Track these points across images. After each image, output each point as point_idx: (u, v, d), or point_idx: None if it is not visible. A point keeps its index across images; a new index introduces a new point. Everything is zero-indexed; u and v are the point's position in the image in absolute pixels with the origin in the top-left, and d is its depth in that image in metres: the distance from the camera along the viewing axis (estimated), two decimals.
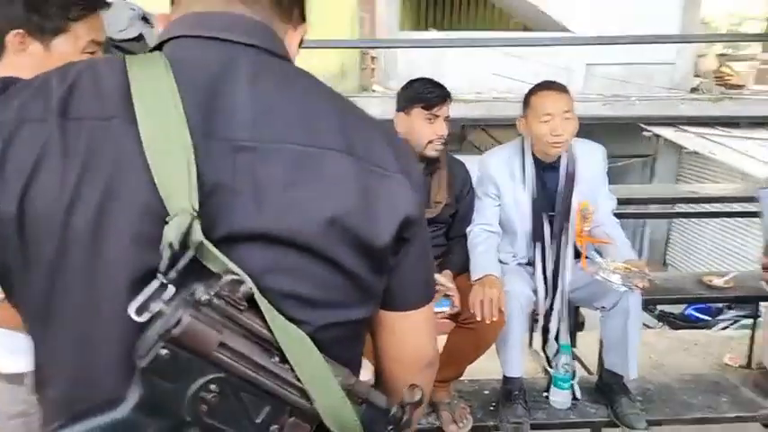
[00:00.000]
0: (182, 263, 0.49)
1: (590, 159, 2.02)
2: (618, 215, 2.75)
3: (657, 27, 7.75)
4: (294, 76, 0.63)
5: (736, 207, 3.06)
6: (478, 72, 7.81)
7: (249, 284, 0.51)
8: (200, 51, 0.59)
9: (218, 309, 0.50)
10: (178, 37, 0.60)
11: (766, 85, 8.57)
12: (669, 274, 2.50)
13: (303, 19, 0.71)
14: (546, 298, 2.02)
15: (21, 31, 1.01)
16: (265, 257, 0.56)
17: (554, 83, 1.95)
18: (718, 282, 2.24)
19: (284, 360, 0.53)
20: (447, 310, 1.84)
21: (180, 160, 0.51)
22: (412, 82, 1.97)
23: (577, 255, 2.00)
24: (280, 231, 0.55)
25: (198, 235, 0.49)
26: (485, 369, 2.17)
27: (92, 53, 1.10)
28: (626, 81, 7.89)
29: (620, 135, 8.78)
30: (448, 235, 2.10)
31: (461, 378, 2.12)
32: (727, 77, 8.76)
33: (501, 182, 2.01)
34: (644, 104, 7.42)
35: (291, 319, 0.55)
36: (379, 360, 0.74)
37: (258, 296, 0.52)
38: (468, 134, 8.69)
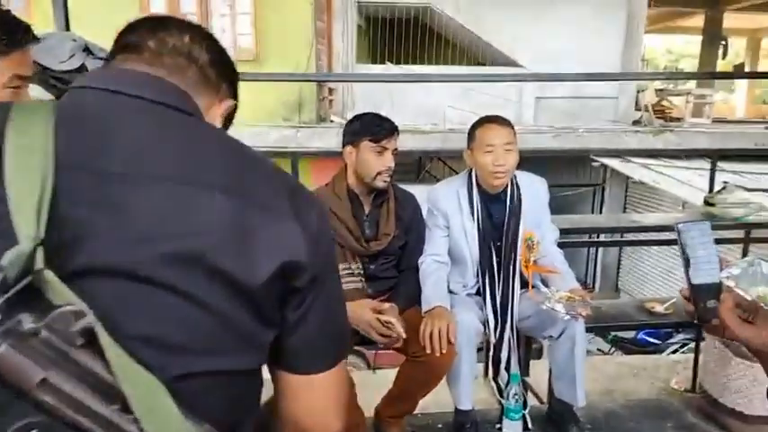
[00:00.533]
0: (13, 290, 0.44)
1: (533, 191, 2.08)
2: (569, 243, 2.84)
3: (601, 62, 8.22)
4: (194, 125, 0.64)
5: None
6: (434, 104, 8.00)
7: (90, 318, 0.46)
8: (100, 100, 0.60)
9: (47, 342, 0.44)
10: (85, 87, 0.62)
11: (701, 118, 9.15)
12: (614, 301, 2.58)
13: (233, 96, 0.73)
14: (496, 328, 2.04)
15: None
16: (118, 292, 0.52)
17: (497, 117, 2.01)
18: (659, 308, 2.32)
19: (127, 409, 0.47)
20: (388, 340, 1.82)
21: (34, 190, 0.50)
22: (360, 116, 2.00)
23: (524, 284, 2.04)
24: (133, 265, 0.52)
25: (38, 263, 0.46)
26: (439, 402, 2.15)
27: (16, 87, 1.07)
28: (573, 114, 8.25)
29: (571, 165, 9.16)
30: (398, 267, 2.10)
31: (415, 412, 2.10)
32: (666, 111, 9.29)
33: (449, 213, 2.05)
34: (591, 136, 7.75)
35: (145, 364, 0.49)
36: (281, 428, 0.69)
37: (100, 332, 0.47)
38: (426, 164, 8.84)
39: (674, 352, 5.33)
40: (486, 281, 2.04)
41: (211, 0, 8.10)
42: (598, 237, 5.37)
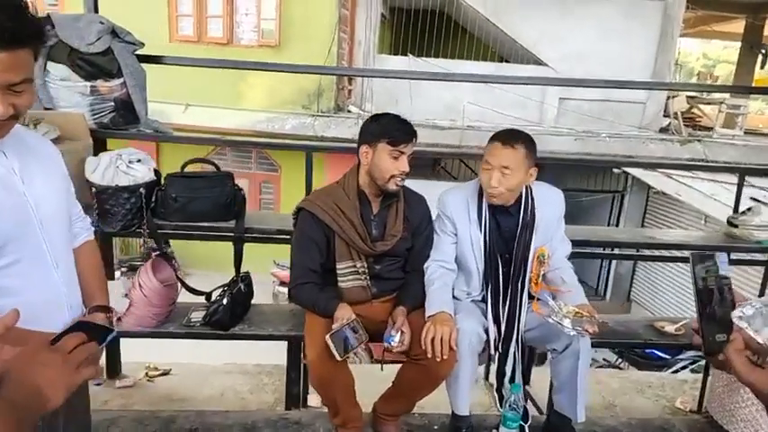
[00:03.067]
0: None
1: (549, 204, 2.03)
2: (582, 255, 2.78)
3: (631, 65, 8.02)
4: None
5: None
6: (453, 99, 7.90)
7: None
8: None
9: None
10: None
11: (733, 128, 8.88)
12: (623, 318, 2.51)
13: None
14: (499, 340, 2.00)
15: None
16: None
17: (509, 135, 1.91)
18: (669, 328, 2.26)
19: None
20: (394, 344, 1.80)
21: None
22: (379, 116, 1.95)
23: (530, 296, 2.00)
24: None
25: None
26: (436, 403, 2.13)
27: None
28: (597, 117, 8.08)
29: (591, 169, 9.01)
30: (405, 268, 2.07)
31: (412, 412, 2.09)
32: (697, 119, 9.05)
33: (458, 220, 2.01)
34: (614, 142, 7.60)
35: None
36: None
37: None
38: (441, 161, 8.77)
39: (683, 368, 5.24)
40: (491, 292, 2.00)
41: None
42: (612, 250, 5.26)
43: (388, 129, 1.88)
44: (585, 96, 8.12)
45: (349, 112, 8.01)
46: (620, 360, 5.79)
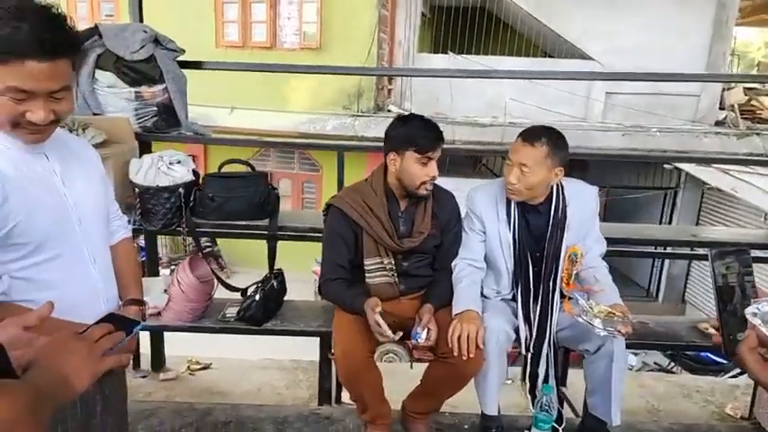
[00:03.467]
0: None
1: (581, 202, 1.98)
2: (620, 252, 2.69)
3: (683, 58, 7.65)
4: None
5: (757, 252, 2.89)
6: (495, 95, 7.79)
7: None
8: None
9: None
10: None
11: None
12: (664, 319, 2.40)
13: None
14: (530, 340, 1.97)
15: None
16: None
17: (531, 132, 1.89)
18: (713, 330, 2.15)
19: None
20: (421, 341, 1.80)
21: None
22: (405, 121, 1.93)
23: (562, 295, 1.96)
24: None
25: None
26: (467, 401, 2.12)
27: (18, 100, 1.03)
28: (647, 111, 7.76)
29: (641, 165, 8.67)
30: (433, 266, 2.07)
31: (441, 410, 2.09)
32: (756, 111, 8.55)
33: (486, 218, 1.99)
34: (665, 136, 7.28)
35: None
36: None
37: None
38: (482, 157, 8.65)
39: (742, 373, 4.96)
40: (521, 291, 1.97)
41: None
42: (665, 248, 5.04)
43: (415, 136, 1.86)
44: (634, 90, 7.80)
45: (389, 111, 8.04)
46: (672, 364, 5.56)
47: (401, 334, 1.79)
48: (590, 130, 7.52)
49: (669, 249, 5.08)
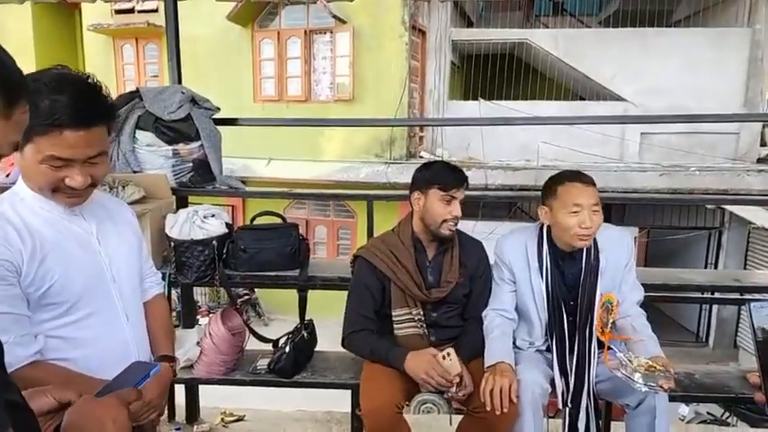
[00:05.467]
0: None
1: (616, 248, 1.92)
2: (672, 299, 2.56)
3: (719, 96, 7.52)
4: None
5: None
6: (527, 139, 7.79)
7: None
8: None
9: None
10: None
11: None
12: (710, 368, 2.26)
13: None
14: (567, 393, 1.89)
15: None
16: None
17: (582, 174, 1.87)
18: (756, 386, 2.01)
19: None
20: (453, 392, 1.76)
21: None
22: (430, 164, 1.99)
23: (600, 344, 1.88)
24: None
25: None
26: None
27: (56, 167, 1.09)
28: (685, 151, 7.59)
29: (682, 206, 8.40)
30: (463, 315, 2.04)
31: None
32: None
33: (516, 267, 1.94)
34: (705, 175, 7.08)
35: None
36: None
37: None
38: (517, 201, 8.57)
39: None
40: (556, 342, 1.90)
41: (315, 44, 8.65)
42: (713, 293, 4.79)
43: (439, 175, 1.91)
44: (671, 129, 7.68)
45: (421, 157, 8.14)
46: (727, 414, 5.18)
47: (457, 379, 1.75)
48: (626, 171, 7.39)
49: (717, 294, 4.84)
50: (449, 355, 1.75)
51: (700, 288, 2.29)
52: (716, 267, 7.77)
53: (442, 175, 1.91)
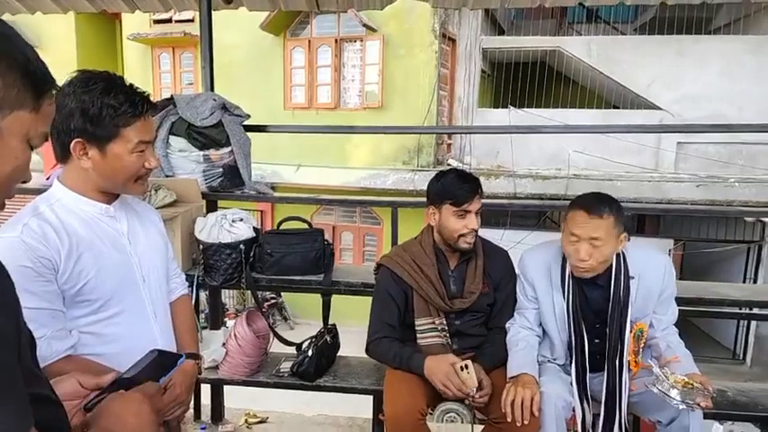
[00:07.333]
0: None
1: (651, 273, 1.81)
2: (707, 314, 2.47)
3: (758, 103, 7.27)
4: None
5: None
6: (557, 148, 7.68)
7: None
8: None
9: None
10: None
11: None
12: (745, 386, 2.18)
13: None
14: (589, 418, 1.83)
15: (80, 139, 1.17)
16: None
17: (595, 202, 1.72)
18: None
19: None
20: (472, 393, 1.73)
21: None
22: (442, 176, 1.95)
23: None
24: None
25: None
26: None
27: (141, 151, 1.23)
28: (724, 162, 7.35)
29: (721, 218, 8.14)
30: (487, 324, 2.02)
31: None
32: None
33: (538, 285, 1.89)
34: (745, 187, 6.84)
35: None
36: None
37: None
38: (547, 210, 8.44)
39: None
40: (575, 366, 1.82)
41: (345, 52, 8.75)
42: (751, 309, 4.62)
43: (450, 189, 1.87)
44: (709, 139, 7.44)
45: (448, 165, 8.11)
46: None
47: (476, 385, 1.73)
48: (661, 182, 7.20)
49: (756, 310, 4.66)
50: (466, 367, 1.73)
51: (736, 303, 2.22)
52: (755, 282, 7.48)
53: (453, 189, 1.86)
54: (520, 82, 8.49)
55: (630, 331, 1.78)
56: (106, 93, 1.16)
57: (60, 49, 9.57)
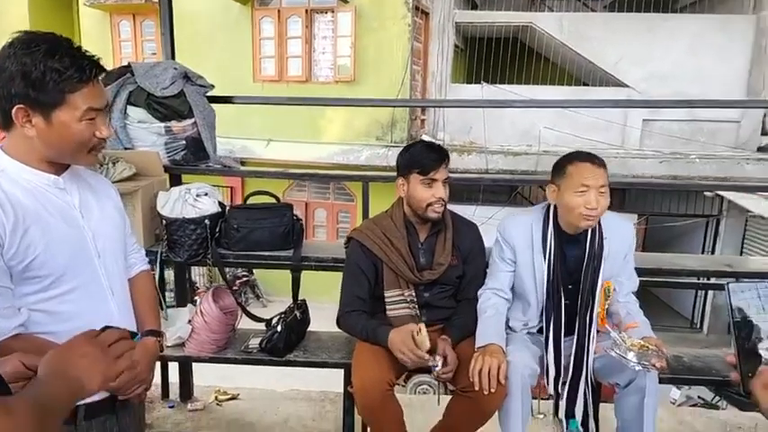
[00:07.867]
0: None
1: (619, 236, 1.91)
2: (667, 284, 2.54)
3: (722, 83, 7.45)
4: None
5: None
6: (529, 124, 7.74)
7: None
8: None
9: None
10: None
11: None
12: (700, 352, 2.27)
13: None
14: (563, 375, 1.89)
15: (22, 105, 1.09)
16: None
17: (592, 155, 1.85)
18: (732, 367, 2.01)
19: None
20: (438, 370, 1.76)
21: None
22: (409, 147, 1.97)
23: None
24: None
25: None
26: None
27: (91, 119, 1.15)
28: (687, 138, 7.54)
29: (682, 193, 8.39)
30: (456, 296, 2.04)
31: None
32: None
33: (519, 248, 1.93)
34: (705, 163, 7.04)
35: None
36: None
37: None
38: (518, 186, 8.55)
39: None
40: (552, 325, 1.89)
41: (315, 23, 8.54)
42: (708, 280, 4.81)
43: (417, 158, 1.89)
44: (673, 117, 7.62)
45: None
46: (717, 398, 5.23)
47: (439, 359, 1.76)
48: (627, 158, 7.35)
49: (712, 279, 4.85)
50: (420, 330, 1.74)
51: (693, 273, 2.29)
52: (713, 254, 7.78)
53: (420, 158, 1.88)
54: (493, 58, 8.46)
55: (601, 287, 1.85)
56: (50, 55, 1.08)
57: (11, 12, 9.06)
